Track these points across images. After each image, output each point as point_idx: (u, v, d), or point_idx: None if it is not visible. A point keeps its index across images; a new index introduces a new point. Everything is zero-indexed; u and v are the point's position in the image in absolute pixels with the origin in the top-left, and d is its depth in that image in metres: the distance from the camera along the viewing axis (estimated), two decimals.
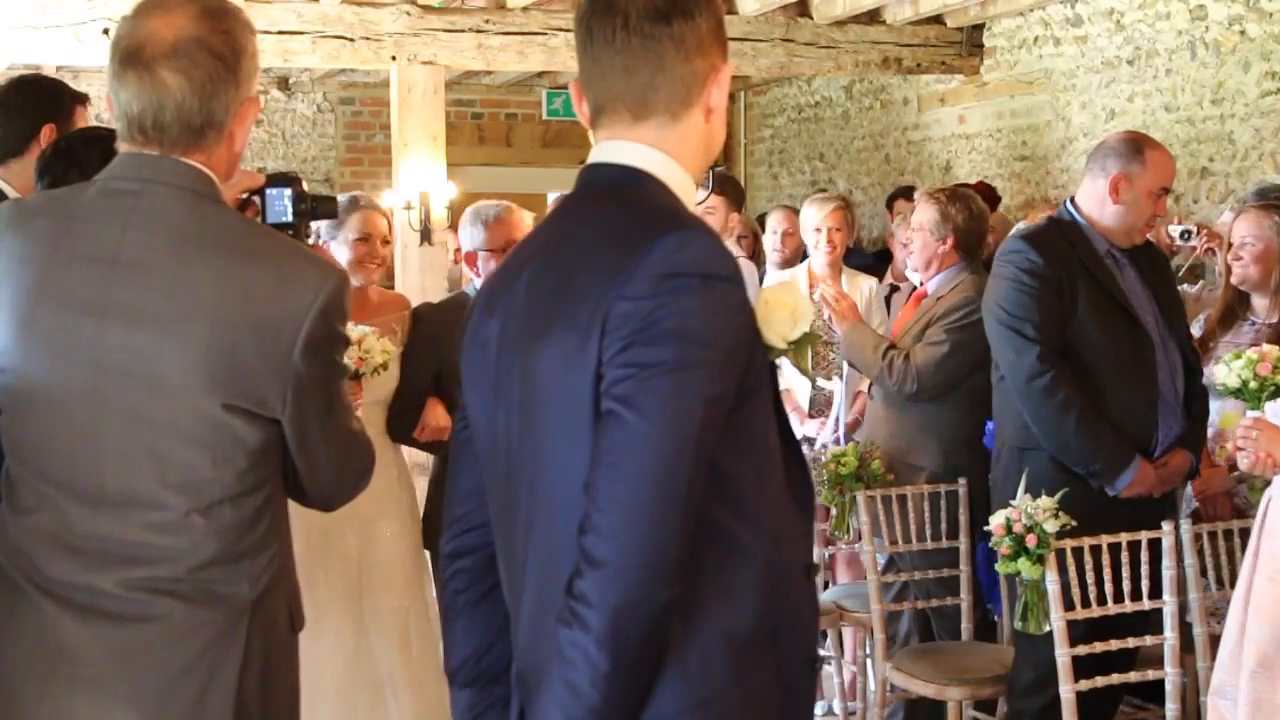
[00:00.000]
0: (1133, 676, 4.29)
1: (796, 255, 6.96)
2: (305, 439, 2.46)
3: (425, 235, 8.43)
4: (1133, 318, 4.52)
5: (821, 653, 5.61)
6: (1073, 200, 4.73)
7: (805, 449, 3.56)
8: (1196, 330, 5.03)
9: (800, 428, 5.90)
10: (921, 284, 5.45)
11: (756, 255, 7.63)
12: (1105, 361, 4.49)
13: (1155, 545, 4.21)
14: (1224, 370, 3.70)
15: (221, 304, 2.35)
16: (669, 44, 2.14)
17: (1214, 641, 4.00)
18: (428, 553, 4.71)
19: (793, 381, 5.68)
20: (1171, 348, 4.57)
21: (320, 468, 2.53)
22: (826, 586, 6.00)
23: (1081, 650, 4.11)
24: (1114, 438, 4.45)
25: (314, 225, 3.91)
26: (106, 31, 7.41)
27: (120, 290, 2.35)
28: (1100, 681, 4.15)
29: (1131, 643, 4.28)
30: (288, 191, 2.75)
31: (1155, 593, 4.20)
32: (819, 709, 5.83)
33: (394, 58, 8.28)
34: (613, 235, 2.08)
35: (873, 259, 8.26)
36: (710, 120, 2.22)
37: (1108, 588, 4.18)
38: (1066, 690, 4.08)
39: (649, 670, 2.01)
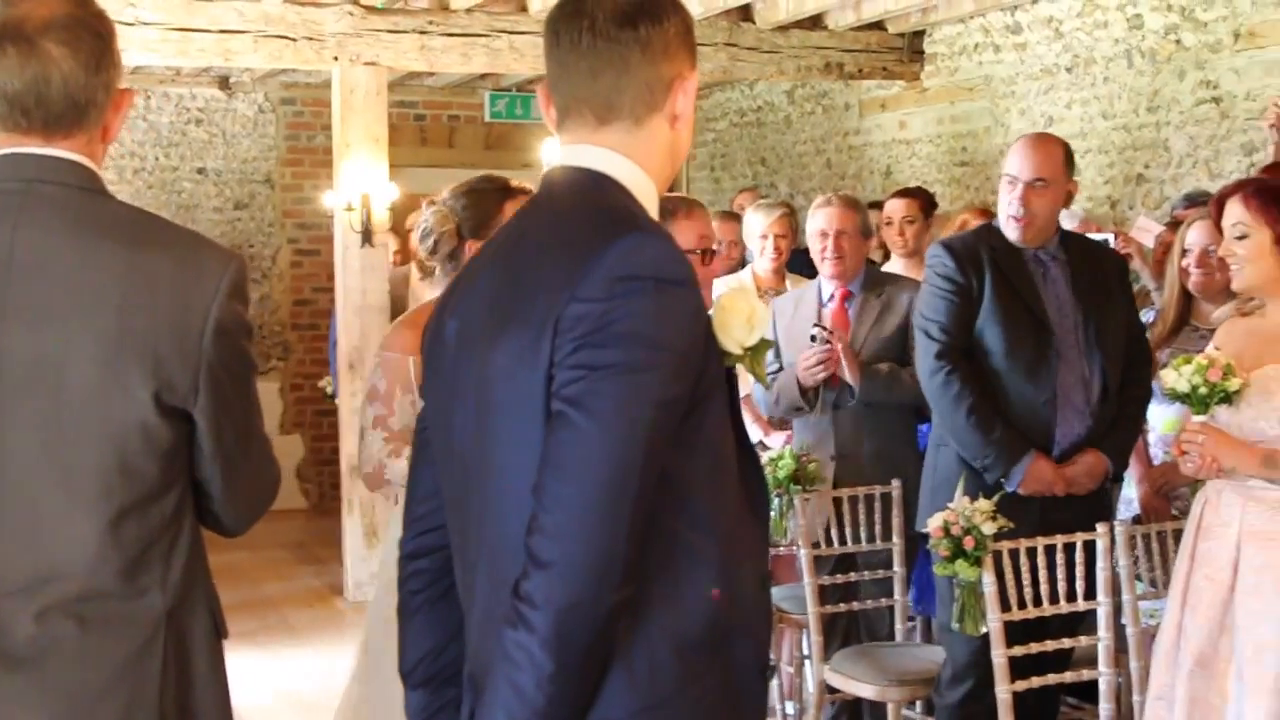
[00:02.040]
0: (1068, 677, 4.33)
1: (737, 261, 6.98)
2: (221, 437, 2.37)
3: (366, 237, 8.39)
4: (1041, 321, 4.60)
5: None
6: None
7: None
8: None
9: (765, 438, 5.91)
10: (842, 286, 5.48)
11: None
12: (1006, 360, 4.61)
13: (1090, 547, 4.27)
14: (1174, 375, 3.72)
15: (127, 295, 2.27)
16: (635, 48, 2.14)
17: (1149, 641, 4.06)
18: None
19: (755, 391, 5.67)
20: (1088, 351, 4.64)
21: (237, 473, 2.43)
22: None
23: (1018, 651, 4.16)
24: (1007, 433, 4.54)
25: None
26: None
27: (19, 293, 2.27)
28: (1036, 682, 4.20)
29: (1067, 643, 4.33)
30: None
31: (1090, 594, 4.26)
32: None
33: (336, 58, 8.25)
34: (569, 237, 2.08)
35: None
36: (676, 127, 2.22)
37: (1043, 589, 4.23)
38: (1003, 691, 4.12)
39: (594, 673, 2.00)
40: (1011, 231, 4.70)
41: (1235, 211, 3.80)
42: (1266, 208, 3.76)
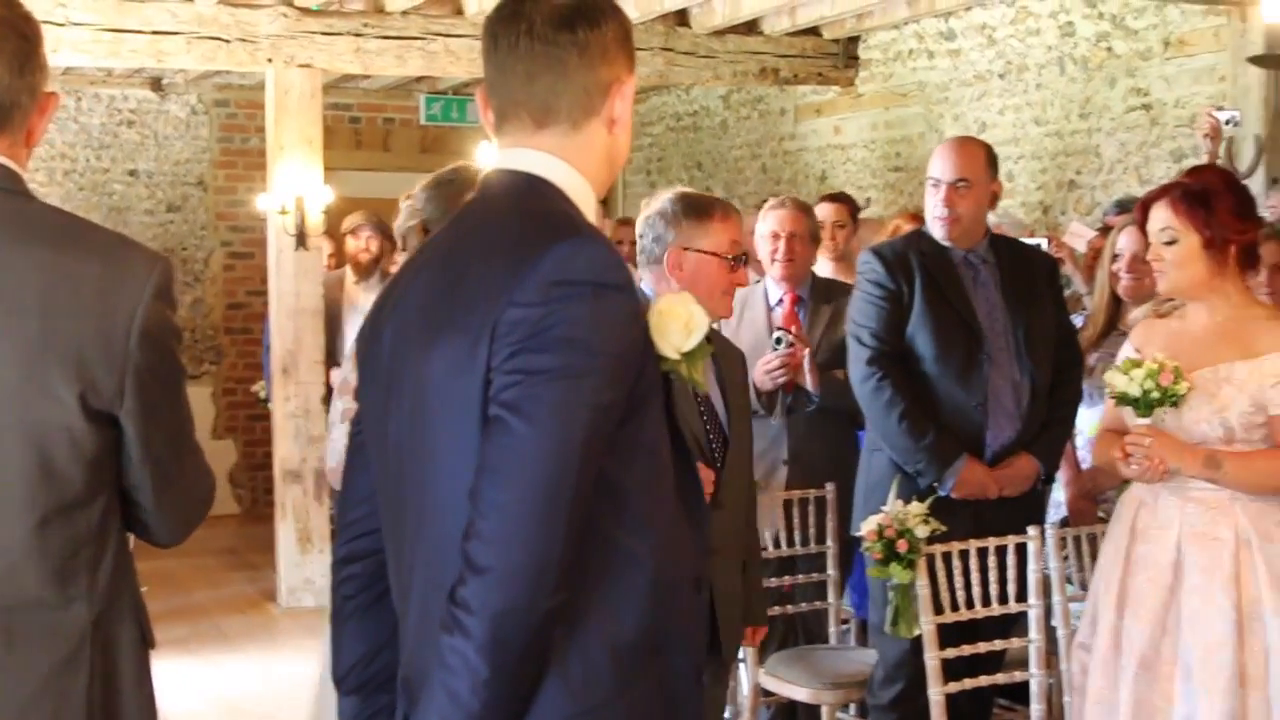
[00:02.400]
0: (1000, 678, 4.37)
1: None
2: (150, 443, 2.33)
3: (301, 240, 8.34)
4: (970, 325, 4.64)
5: None
6: None
7: None
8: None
9: None
10: (791, 290, 5.49)
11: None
12: (937, 365, 4.65)
13: (1022, 550, 4.31)
14: (1124, 380, 3.72)
15: (51, 298, 2.24)
16: (572, 52, 2.14)
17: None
18: None
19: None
20: (1017, 355, 4.68)
21: (169, 482, 2.39)
22: None
23: (950, 653, 4.19)
24: (939, 437, 4.58)
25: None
26: None
27: None
28: (969, 684, 4.23)
29: (999, 645, 4.37)
30: None
31: (1021, 596, 4.29)
32: None
33: (270, 60, 8.20)
34: (507, 242, 2.07)
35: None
36: (614, 131, 2.22)
37: (975, 591, 4.26)
38: (936, 693, 4.15)
39: (530, 678, 2.00)
40: (938, 232, 4.74)
41: (1163, 216, 3.82)
42: (1194, 212, 3.78)
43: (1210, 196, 3.81)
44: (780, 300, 5.49)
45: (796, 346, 5.19)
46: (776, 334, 5.24)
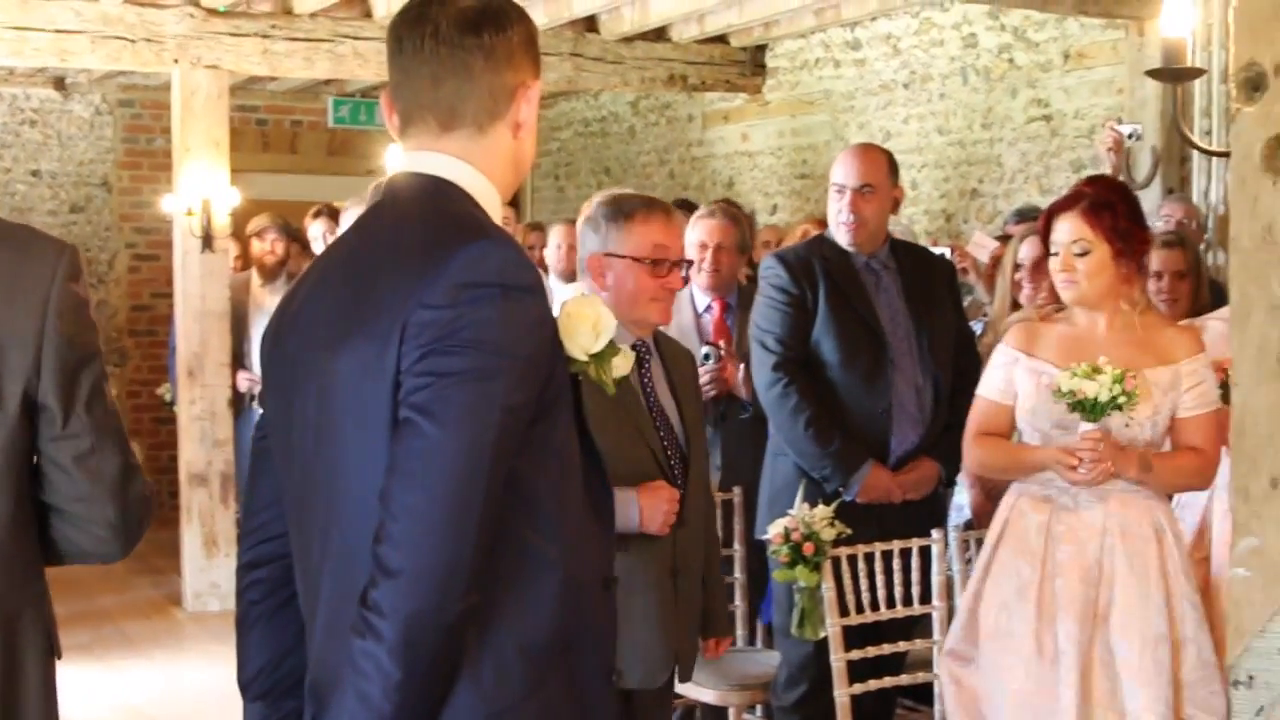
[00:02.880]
0: (904, 679, 4.43)
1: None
2: (69, 424, 2.30)
3: (207, 242, 8.27)
4: (874, 330, 4.71)
5: None
6: None
7: None
8: None
9: None
10: (718, 298, 5.54)
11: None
12: (842, 371, 4.70)
13: (925, 552, 4.37)
14: (1093, 385, 3.70)
15: None
16: (478, 55, 2.14)
17: None
18: None
19: None
20: (920, 359, 4.75)
21: (105, 480, 2.35)
22: None
23: (855, 654, 4.24)
24: (845, 443, 4.64)
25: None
26: None
27: None
28: (873, 685, 4.29)
29: (903, 646, 4.43)
30: None
31: (925, 598, 4.36)
32: None
33: (177, 61, 8.12)
34: (414, 244, 2.08)
35: None
36: (519, 135, 2.23)
37: (880, 593, 4.32)
38: (841, 694, 4.20)
39: (442, 681, 2.01)
40: (843, 237, 4.80)
41: (1075, 227, 3.85)
42: (1105, 223, 3.84)
43: (1116, 206, 3.90)
44: (709, 307, 5.53)
45: (725, 360, 5.23)
46: (705, 350, 5.26)
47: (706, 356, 5.22)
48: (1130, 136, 6.16)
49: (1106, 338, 3.89)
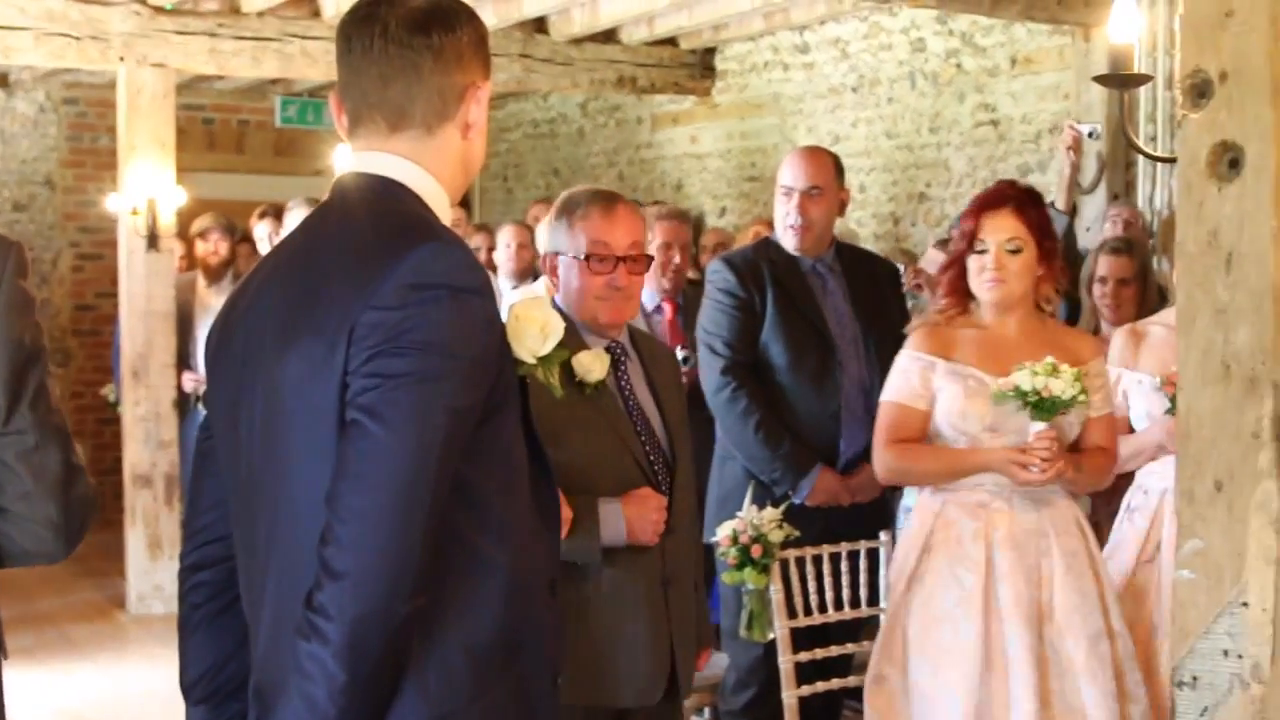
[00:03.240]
0: (851, 681, 4.44)
1: (529, 270, 7.03)
2: (15, 417, 2.30)
3: (152, 242, 8.21)
4: (822, 333, 4.72)
5: None
6: None
7: None
8: None
9: None
10: (669, 299, 5.55)
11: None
12: (791, 374, 4.72)
13: (873, 554, 4.38)
14: (1059, 384, 3.69)
15: None
16: (427, 55, 2.14)
17: None
18: None
19: None
20: (868, 362, 4.77)
21: (47, 478, 2.33)
22: None
23: (803, 656, 4.25)
24: (794, 447, 4.65)
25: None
26: None
27: None
28: (820, 687, 4.30)
29: (850, 648, 4.44)
30: None
31: (873, 600, 4.37)
32: None
33: (122, 59, 8.06)
34: (363, 245, 2.07)
35: None
36: (469, 136, 2.22)
37: (828, 595, 4.33)
38: (789, 696, 4.21)
39: (388, 683, 2.00)
40: (790, 241, 4.81)
41: (1010, 225, 3.84)
42: (1033, 220, 3.86)
43: (1039, 206, 3.93)
44: (658, 308, 5.53)
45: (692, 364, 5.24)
46: (683, 354, 5.24)
47: (685, 360, 5.22)
48: (1090, 135, 6.21)
49: (1019, 340, 3.88)
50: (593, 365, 3.33)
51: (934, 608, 3.82)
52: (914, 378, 3.91)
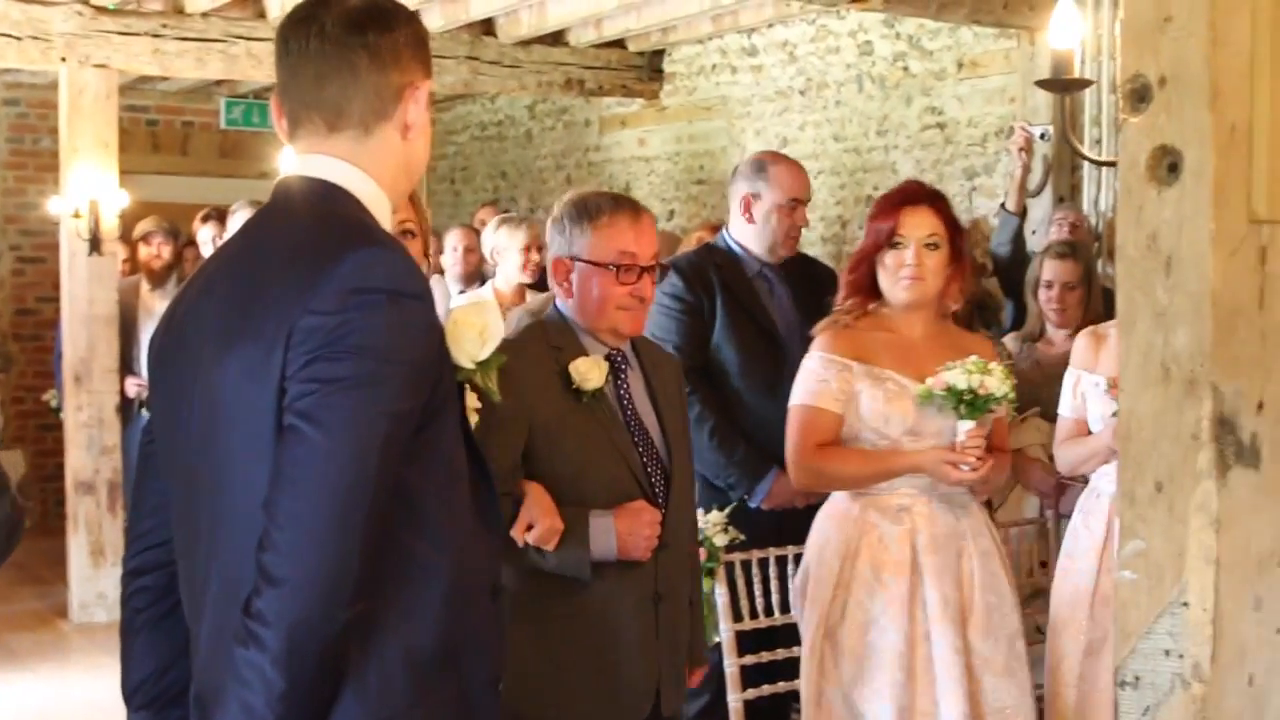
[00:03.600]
0: (798, 684, 4.44)
1: (476, 273, 7.01)
2: None
3: (95, 245, 8.14)
4: (772, 336, 4.74)
5: None
6: (726, 228, 5.00)
7: None
8: None
9: None
10: None
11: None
12: (743, 378, 4.75)
13: None
14: (994, 381, 3.71)
15: None
16: (363, 53, 2.15)
17: None
18: None
19: None
20: None
21: None
22: None
23: (749, 660, 4.25)
24: (749, 451, 4.67)
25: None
26: None
27: None
28: (766, 690, 4.30)
29: (796, 650, 4.44)
30: None
31: None
32: None
33: (64, 59, 7.98)
34: (302, 249, 2.07)
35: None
36: (409, 137, 2.22)
37: (774, 599, 4.34)
38: (734, 699, 4.22)
39: (327, 690, 2.00)
40: (785, 251, 4.89)
41: (929, 221, 3.84)
42: (948, 218, 3.88)
43: (950, 205, 3.96)
44: None
45: None
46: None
47: None
48: (1041, 137, 6.25)
49: (926, 342, 3.89)
50: (590, 372, 3.26)
51: (862, 614, 3.80)
52: (830, 380, 3.87)
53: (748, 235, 4.91)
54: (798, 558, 4.34)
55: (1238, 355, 1.82)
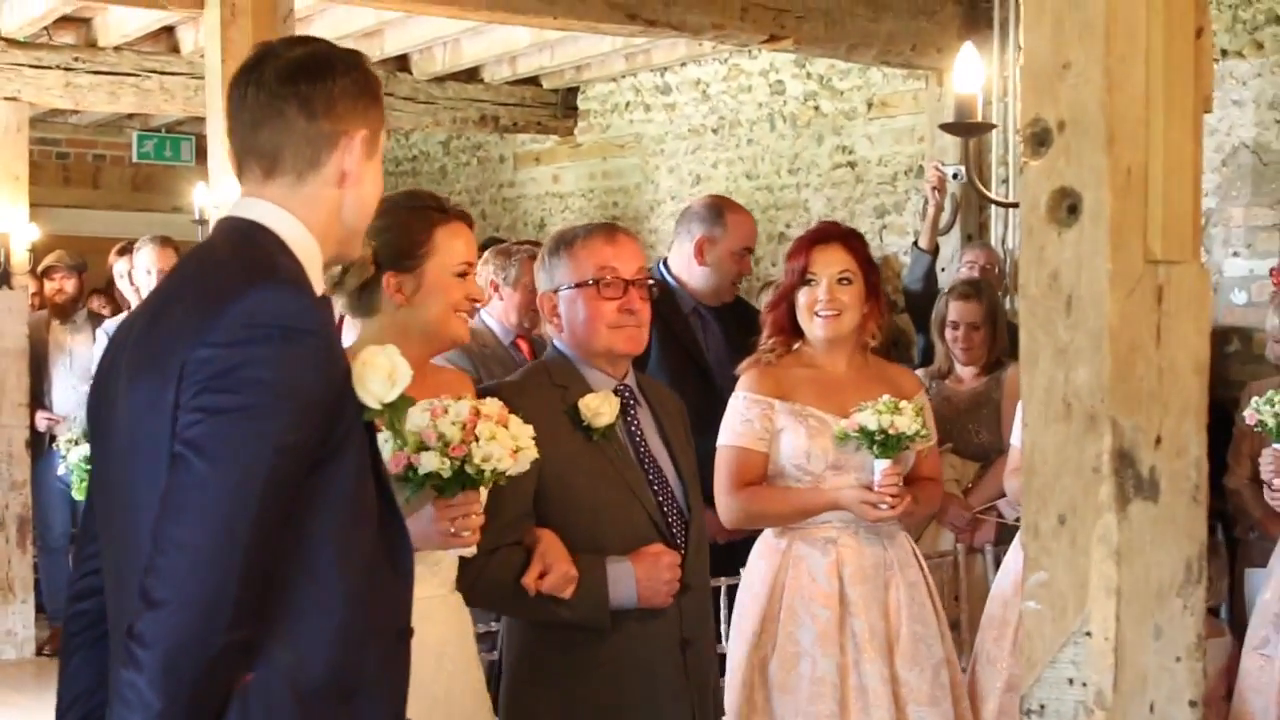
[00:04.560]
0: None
1: None
2: None
3: (4, 278, 8.04)
4: (704, 370, 4.78)
5: None
6: (665, 261, 5.03)
7: None
8: None
9: None
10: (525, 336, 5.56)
11: None
12: None
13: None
14: (905, 420, 3.74)
15: None
16: (293, 103, 2.21)
17: None
18: None
19: None
20: None
21: None
22: None
23: None
24: None
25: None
26: None
27: None
28: None
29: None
30: None
31: None
32: None
33: None
34: (207, 284, 2.13)
35: None
36: (344, 186, 2.26)
37: (722, 628, 4.31)
38: None
39: (207, 714, 2.02)
40: (728, 296, 5.04)
41: (840, 257, 3.90)
42: (861, 255, 3.94)
43: (864, 243, 4.02)
44: (514, 344, 5.53)
45: None
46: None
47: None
48: (954, 176, 6.35)
49: (850, 377, 3.95)
50: (600, 408, 3.13)
51: (792, 646, 3.83)
52: (754, 420, 3.93)
53: (695, 275, 4.96)
54: (730, 589, 4.29)
55: (1136, 391, 1.88)
